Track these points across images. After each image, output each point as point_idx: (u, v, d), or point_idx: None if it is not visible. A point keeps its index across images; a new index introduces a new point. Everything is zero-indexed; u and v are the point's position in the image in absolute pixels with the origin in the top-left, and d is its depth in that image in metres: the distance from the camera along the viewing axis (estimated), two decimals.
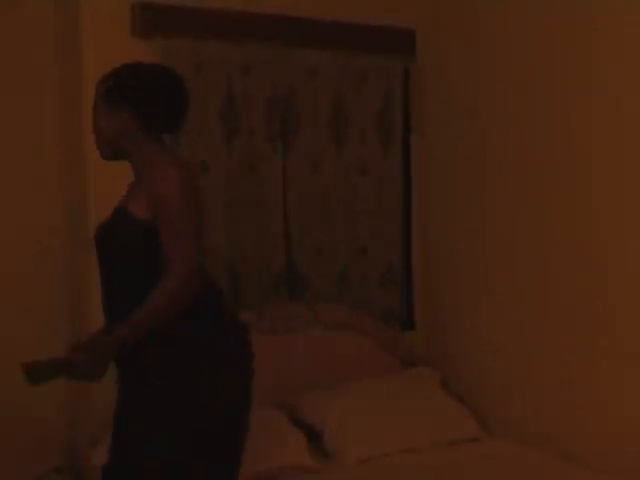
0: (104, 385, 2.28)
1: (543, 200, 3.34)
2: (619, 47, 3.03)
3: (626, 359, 3.04)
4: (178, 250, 2.13)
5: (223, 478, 2.31)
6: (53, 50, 3.45)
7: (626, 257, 3.04)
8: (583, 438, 3.17)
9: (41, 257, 3.34)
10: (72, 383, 2.42)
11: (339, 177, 3.79)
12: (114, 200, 2.39)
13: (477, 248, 3.67)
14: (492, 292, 3.61)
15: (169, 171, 2.19)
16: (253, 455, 2.93)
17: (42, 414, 3.34)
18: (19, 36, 3.40)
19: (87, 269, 3.06)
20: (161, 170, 2.21)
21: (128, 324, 2.12)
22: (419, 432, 3.31)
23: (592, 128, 3.14)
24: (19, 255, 3.33)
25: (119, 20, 3.31)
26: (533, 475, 2.99)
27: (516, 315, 3.48)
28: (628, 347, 3.04)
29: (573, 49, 3.19)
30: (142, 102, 2.27)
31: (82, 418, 3.39)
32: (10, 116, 3.39)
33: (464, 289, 3.77)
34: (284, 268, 3.67)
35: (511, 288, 3.51)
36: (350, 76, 3.78)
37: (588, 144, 3.16)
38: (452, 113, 3.79)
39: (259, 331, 3.47)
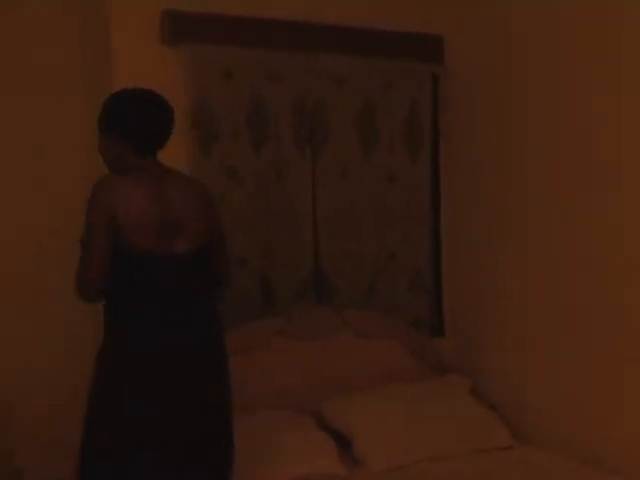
0: None
1: (573, 205, 3.31)
2: None
3: None
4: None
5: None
6: (83, 59, 3.50)
7: None
8: (616, 445, 3.12)
9: None
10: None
11: (367, 183, 3.79)
12: None
13: (508, 252, 3.64)
14: (521, 297, 3.58)
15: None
16: (283, 461, 2.95)
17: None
18: (50, 46, 3.46)
19: None
20: None
21: None
22: (449, 440, 3.28)
23: (622, 136, 3.10)
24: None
25: (148, 28, 3.34)
26: None
27: (547, 321, 3.45)
28: None
29: (604, 53, 3.15)
30: (124, 126, 2.46)
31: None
32: (41, 124, 3.44)
33: (493, 294, 3.74)
34: (312, 274, 3.67)
35: (542, 293, 3.47)
36: (378, 82, 3.78)
37: (618, 151, 3.11)
38: (480, 119, 3.77)
39: (288, 336, 3.48)
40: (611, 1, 3.11)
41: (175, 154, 3.41)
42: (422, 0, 3.86)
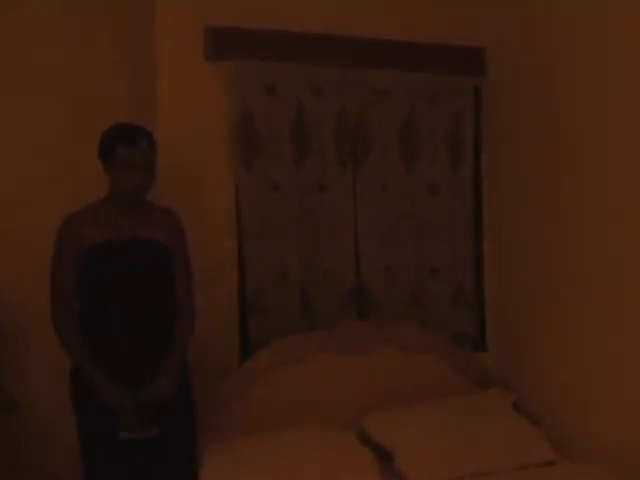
0: None
1: (623, 216, 3.25)
2: None
3: None
4: None
5: None
6: (129, 74, 3.53)
7: None
8: None
9: None
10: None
11: (409, 196, 3.78)
12: None
13: (552, 266, 3.60)
14: (563, 311, 3.53)
15: None
16: (323, 475, 2.94)
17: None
18: (95, 60, 3.49)
19: None
20: None
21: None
22: (492, 455, 3.24)
23: None
24: None
25: (192, 44, 3.39)
26: None
27: (589, 335, 3.40)
28: None
29: None
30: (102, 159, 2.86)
31: None
32: (85, 137, 3.47)
33: (538, 309, 3.70)
34: (354, 288, 3.67)
35: (587, 307, 3.42)
36: (420, 95, 3.78)
37: None
38: (523, 130, 3.74)
39: (329, 350, 3.48)
40: None
41: (219, 169, 3.48)
42: (464, 12, 3.85)
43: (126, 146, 2.77)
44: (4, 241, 3.38)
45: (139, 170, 2.79)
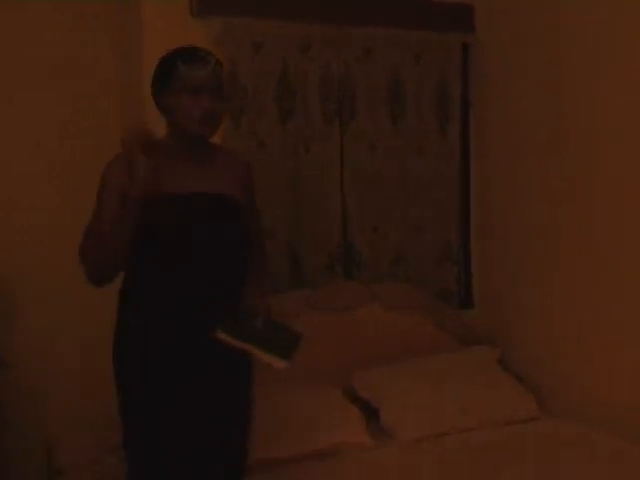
0: None
1: (612, 173, 3.25)
2: None
3: None
4: None
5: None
6: (114, 32, 3.49)
7: None
8: None
9: None
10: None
11: (396, 155, 3.77)
12: None
13: (537, 225, 3.62)
14: (552, 268, 3.56)
15: None
16: (311, 431, 2.99)
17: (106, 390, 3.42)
18: (79, 19, 3.45)
19: None
20: None
21: None
22: (476, 411, 3.30)
23: None
24: None
25: (178, 0, 3.34)
26: (591, 453, 2.95)
27: (576, 292, 3.44)
28: None
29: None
30: None
31: None
32: (70, 97, 3.45)
33: (523, 266, 3.73)
34: (340, 247, 3.68)
35: (572, 264, 3.45)
36: (407, 53, 3.76)
37: None
38: (512, 89, 3.73)
39: (316, 308, 3.50)
40: None
41: None
42: None
43: (190, 63, 2.25)
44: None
45: (208, 93, 2.24)
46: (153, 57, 2.70)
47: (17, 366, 3.25)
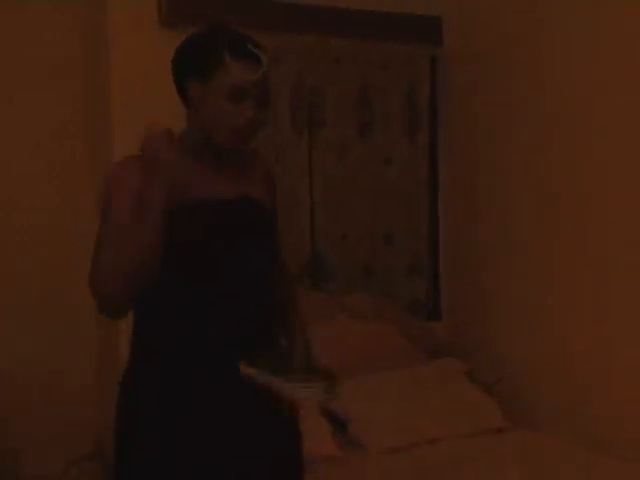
0: None
1: (575, 183, 3.28)
2: None
3: None
4: None
5: None
6: (82, 39, 3.48)
7: None
8: (614, 428, 3.13)
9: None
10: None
11: (365, 166, 3.78)
12: None
13: (505, 237, 3.64)
14: (520, 280, 3.58)
15: None
16: None
17: (73, 401, 3.38)
18: (48, 25, 3.43)
19: None
20: None
21: None
22: (443, 422, 3.30)
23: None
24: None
25: (146, 9, 3.32)
26: (558, 465, 2.97)
27: (546, 305, 3.46)
28: None
29: (606, 35, 3.13)
30: None
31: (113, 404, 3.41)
32: (37, 105, 3.42)
33: (491, 278, 3.75)
34: (309, 258, 3.67)
35: (540, 276, 3.48)
36: (376, 64, 3.77)
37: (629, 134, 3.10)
38: (480, 101, 3.76)
39: None
40: None
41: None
42: None
43: (241, 60, 1.80)
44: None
45: (254, 100, 1.83)
46: (121, 63, 2.67)
47: None
